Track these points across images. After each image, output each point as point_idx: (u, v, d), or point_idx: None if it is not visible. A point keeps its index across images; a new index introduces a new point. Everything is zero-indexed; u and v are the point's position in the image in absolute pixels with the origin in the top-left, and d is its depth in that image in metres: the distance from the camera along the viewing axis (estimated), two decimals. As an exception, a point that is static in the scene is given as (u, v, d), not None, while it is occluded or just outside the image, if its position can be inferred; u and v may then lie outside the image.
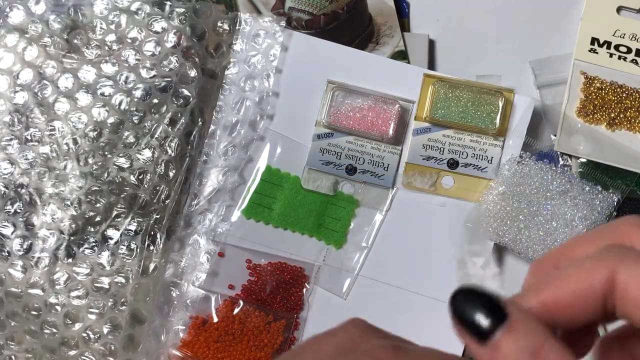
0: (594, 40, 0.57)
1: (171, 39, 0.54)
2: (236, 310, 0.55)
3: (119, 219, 0.53)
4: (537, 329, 0.24)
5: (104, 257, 0.52)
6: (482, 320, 0.24)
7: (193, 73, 0.54)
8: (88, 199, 0.52)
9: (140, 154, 0.53)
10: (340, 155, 0.56)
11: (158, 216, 0.53)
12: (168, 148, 0.53)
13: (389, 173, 0.56)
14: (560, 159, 0.57)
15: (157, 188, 0.53)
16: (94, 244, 0.52)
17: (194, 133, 0.54)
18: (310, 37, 0.56)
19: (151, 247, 0.53)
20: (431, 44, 0.60)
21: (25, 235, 0.52)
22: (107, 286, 0.52)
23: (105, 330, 0.52)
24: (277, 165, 0.56)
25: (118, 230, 0.52)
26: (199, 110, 0.55)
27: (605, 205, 0.55)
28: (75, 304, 0.52)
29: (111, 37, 0.54)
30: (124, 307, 0.52)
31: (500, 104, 0.55)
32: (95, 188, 0.52)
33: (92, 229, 0.52)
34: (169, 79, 0.53)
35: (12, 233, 0.52)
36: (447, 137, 0.56)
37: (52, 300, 0.52)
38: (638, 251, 0.25)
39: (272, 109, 0.56)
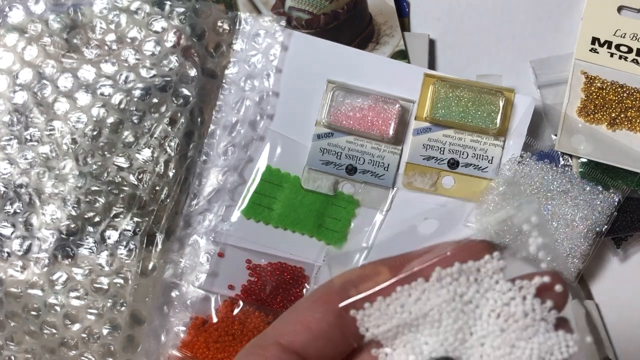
0: (594, 40, 0.57)
1: (171, 39, 0.54)
2: (236, 311, 0.55)
3: (117, 219, 0.52)
4: None
5: (103, 257, 0.52)
6: None
7: (193, 73, 0.54)
8: (87, 199, 0.52)
9: (139, 154, 0.53)
10: (340, 155, 0.56)
11: (157, 216, 0.53)
12: (168, 148, 0.53)
13: (389, 173, 0.56)
14: (560, 158, 0.57)
15: (157, 188, 0.53)
16: (93, 244, 0.52)
17: (194, 133, 0.54)
18: (310, 37, 0.56)
19: (150, 247, 0.53)
20: (431, 43, 0.60)
21: (25, 235, 0.52)
22: (106, 286, 0.52)
23: (105, 331, 0.52)
24: (277, 165, 0.56)
25: (117, 230, 0.52)
26: (198, 110, 0.54)
27: (605, 205, 0.55)
28: (75, 304, 0.52)
29: (111, 37, 0.53)
30: (123, 307, 0.52)
31: (501, 104, 0.55)
32: (94, 188, 0.52)
33: (92, 229, 0.52)
34: (169, 79, 0.53)
35: (11, 233, 0.52)
36: (447, 137, 0.56)
37: (52, 300, 0.52)
38: None
39: (272, 108, 0.56)
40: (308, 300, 0.30)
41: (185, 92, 0.54)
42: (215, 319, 0.55)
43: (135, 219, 0.52)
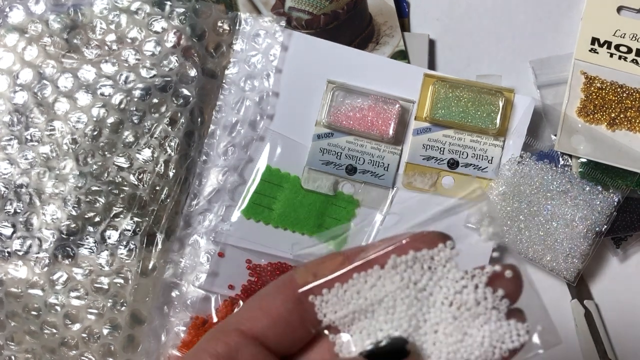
0: (594, 40, 0.57)
1: (171, 39, 0.54)
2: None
3: (118, 219, 0.52)
4: None
5: (103, 257, 0.52)
6: None
7: (193, 73, 0.54)
8: (87, 199, 0.52)
9: (139, 154, 0.53)
10: (340, 155, 0.56)
11: (157, 216, 0.53)
12: (168, 148, 0.53)
13: (389, 173, 0.56)
14: (560, 159, 0.57)
15: (157, 188, 0.53)
16: (93, 244, 0.52)
17: (194, 133, 0.54)
18: (310, 37, 0.56)
19: (150, 247, 0.53)
20: (431, 44, 0.60)
21: (25, 235, 0.52)
22: (106, 286, 0.52)
23: (105, 331, 0.52)
24: (277, 165, 0.56)
25: (117, 230, 0.52)
26: (199, 110, 0.54)
27: (605, 205, 0.55)
28: (75, 304, 0.52)
29: (111, 37, 0.53)
30: (123, 307, 0.52)
31: (501, 104, 0.55)
32: (94, 188, 0.52)
33: (92, 229, 0.52)
34: (169, 79, 0.53)
35: (12, 233, 0.52)
36: (447, 137, 0.56)
37: (52, 300, 0.52)
38: None
39: (272, 109, 0.56)
40: (269, 288, 0.31)
41: (186, 92, 0.54)
42: (215, 319, 0.55)
43: (136, 219, 0.52)
